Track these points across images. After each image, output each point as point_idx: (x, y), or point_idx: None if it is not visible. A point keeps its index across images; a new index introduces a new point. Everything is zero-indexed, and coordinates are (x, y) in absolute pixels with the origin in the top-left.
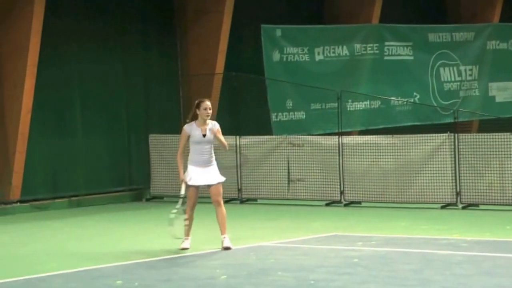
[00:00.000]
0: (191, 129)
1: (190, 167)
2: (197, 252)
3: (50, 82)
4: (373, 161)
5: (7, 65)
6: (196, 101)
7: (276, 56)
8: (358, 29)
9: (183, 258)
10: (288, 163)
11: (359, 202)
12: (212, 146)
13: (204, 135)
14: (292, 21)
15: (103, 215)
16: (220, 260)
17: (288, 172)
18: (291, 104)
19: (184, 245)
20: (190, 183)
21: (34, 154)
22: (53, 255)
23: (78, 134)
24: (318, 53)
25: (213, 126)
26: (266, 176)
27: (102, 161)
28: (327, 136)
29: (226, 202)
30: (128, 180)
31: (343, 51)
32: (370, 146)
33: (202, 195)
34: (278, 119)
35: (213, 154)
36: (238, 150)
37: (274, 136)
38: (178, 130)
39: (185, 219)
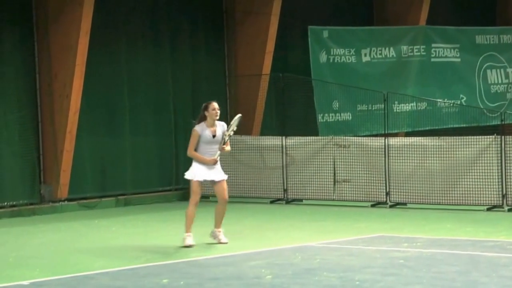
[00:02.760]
0: (202, 129)
1: (196, 165)
2: (243, 252)
3: (99, 82)
4: (419, 163)
5: (56, 64)
6: (204, 104)
7: (323, 57)
8: (406, 31)
9: (229, 257)
10: (334, 164)
11: (405, 204)
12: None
13: (214, 136)
14: (339, 23)
15: (149, 214)
16: (266, 259)
17: (334, 173)
18: (337, 105)
19: (188, 242)
20: (195, 178)
21: (82, 153)
22: (101, 253)
23: (125, 133)
24: (365, 55)
25: (223, 126)
26: (312, 176)
27: (149, 161)
28: (373, 138)
29: (272, 202)
30: (174, 179)
31: (390, 52)
32: (416, 148)
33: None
34: (324, 120)
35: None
36: (284, 151)
37: (320, 137)
38: None
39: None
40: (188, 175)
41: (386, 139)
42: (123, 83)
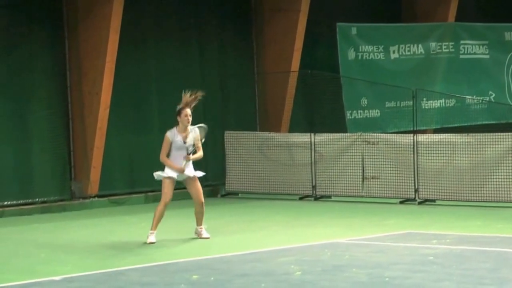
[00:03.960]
0: (173, 135)
1: (168, 170)
2: (272, 248)
3: (128, 79)
4: (448, 159)
5: (86, 62)
6: (177, 108)
7: (351, 54)
8: (434, 28)
9: (258, 254)
10: (363, 161)
11: (434, 200)
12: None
13: (185, 142)
14: (367, 20)
15: (178, 210)
16: (295, 256)
17: (363, 170)
18: (365, 102)
19: (151, 239)
20: (166, 174)
21: (112, 149)
22: (130, 249)
23: (154, 130)
24: (393, 52)
25: (195, 132)
26: (341, 173)
27: None
28: (402, 134)
29: (300, 198)
30: (203, 176)
31: (419, 49)
32: (445, 145)
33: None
34: (352, 117)
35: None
36: (312, 148)
37: (348, 134)
38: (253, 127)
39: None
40: (158, 176)
41: (415, 136)
42: (152, 80)
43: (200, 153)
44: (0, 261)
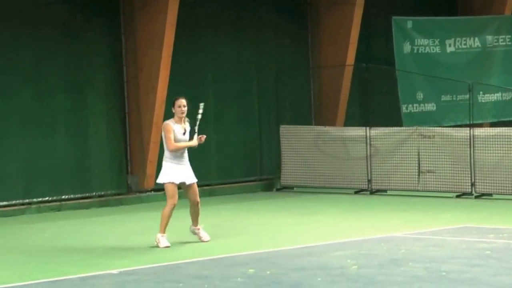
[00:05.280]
0: (172, 125)
1: (167, 165)
2: (327, 242)
3: (184, 73)
4: (505, 153)
5: (142, 56)
6: (174, 99)
7: (407, 47)
8: (490, 21)
9: (314, 248)
10: (419, 155)
11: (490, 194)
12: None
13: (184, 133)
14: (423, 13)
15: (234, 204)
16: (351, 250)
17: (419, 164)
18: (421, 96)
19: (163, 243)
20: (169, 180)
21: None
22: (187, 242)
23: (210, 124)
24: (450, 45)
25: (189, 124)
26: (396, 167)
27: (234, 152)
28: (458, 128)
29: (356, 192)
30: (259, 170)
31: (475, 42)
32: (502, 138)
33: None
34: (408, 111)
35: (187, 152)
36: (368, 141)
37: (404, 128)
38: (308, 121)
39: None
40: (160, 179)
41: (471, 130)
42: (207, 74)
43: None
44: (58, 254)
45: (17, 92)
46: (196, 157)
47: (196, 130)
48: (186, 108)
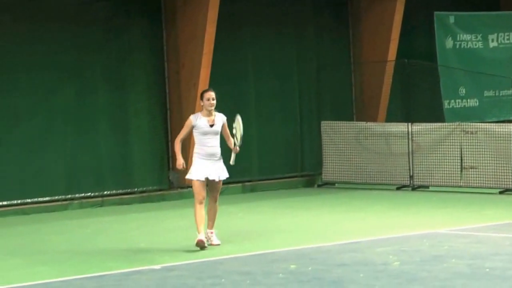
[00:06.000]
0: (196, 118)
1: (195, 160)
2: (369, 238)
3: (225, 70)
4: None
5: (184, 53)
6: (202, 92)
7: (449, 43)
8: None
9: (355, 244)
10: (461, 151)
11: None
12: (218, 138)
13: (212, 125)
14: (465, 8)
15: (275, 200)
16: (393, 246)
17: (461, 160)
18: (464, 91)
19: (201, 239)
20: (195, 177)
21: None
22: (228, 238)
23: (251, 120)
24: (492, 40)
25: (222, 118)
26: (439, 163)
27: (275, 148)
28: (501, 124)
29: (398, 188)
30: (300, 166)
31: None
32: None
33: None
34: (450, 106)
35: (219, 147)
36: (410, 137)
37: (446, 123)
38: (350, 117)
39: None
40: (188, 174)
41: None
42: (248, 70)
43: (232, 141)
44: (101, 250)
45: (59, 89)
46: (238, 153)
47: (237, 143)
48: (215, 101)
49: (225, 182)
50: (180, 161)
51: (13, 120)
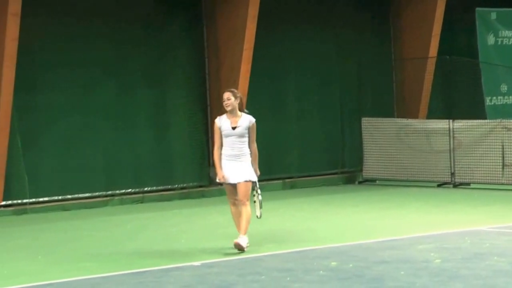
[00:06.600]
0: (221, 121)
1: (222, 162)
2: (410, 235)
3: (265, 66)
4: None
5: (224, 49)
6: None
7: (490, 39)
8: None
9: (396, 241)
10: (503, 148)
11: None
12: (245, 141)
13: (234, 128)
14: (507, 4)
15: (316, 197)
16: (434, 243)
17: (503, 157)
18: (505, 88)
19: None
20: (221, 180)
21: None
22: (268, 235)
23: (292, 117)
24: None
25: (250, 120)
26: (480, 160)
27: (315, 144)
28: None
29: (439, 185)
30: (341, 163)
31: None
32: None
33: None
34: (492, 103)
35: (246, 150)
36: (451, 134)
37: (488, 120)
38: (391, 114)
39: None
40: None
41: None
42: (288, 67)
43: (256, 155)
44: (141, 246)
45: (99, 86)
46: (278, 149)
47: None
48: (230, 101)
49: (266, 179)
50: (220, 174)
51: (53, 116)
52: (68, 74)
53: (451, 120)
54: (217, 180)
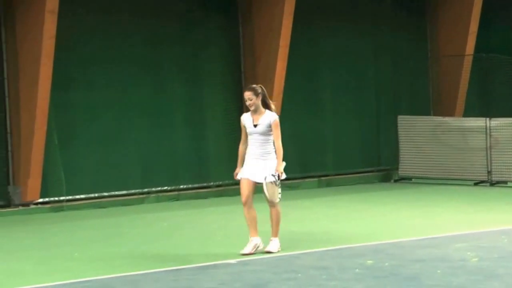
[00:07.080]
0: (244, 118)
1: (247, 160)
2: (447, 234)
3: (301, 64)
4: None
5: (260, 47)
6: None
7: None
8: None
9: (433, 240)
10: None
11: None
12: (269, 139)
13: (255, 125)
14: None
15: (351, 195)
16: (471, 242)
17: None
18: None
19: (245, 250)
20: (238, 176)
21: (284, 134)
22: (304, 233)
23: (327, 115)
24: None
25: (271, 117)
26: None
27: (351, 142)
28: None
29: (475, 184)
30: (376, 160)
31: None
32: None
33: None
34: None
35: (270, 149)
36: (488, 132)
37: None
38: (427, 112)
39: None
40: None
41: None
42: (324, 64)
43: (279, 152)
44: (177, 243)
45: (136, 83)
46: (314, 147)
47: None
48: (252, 101)
49: (301, 176)
50: (236, 171)
51: (90, 114)
52: (105, 72)
53: (487, 118)
54: (236, 178)
